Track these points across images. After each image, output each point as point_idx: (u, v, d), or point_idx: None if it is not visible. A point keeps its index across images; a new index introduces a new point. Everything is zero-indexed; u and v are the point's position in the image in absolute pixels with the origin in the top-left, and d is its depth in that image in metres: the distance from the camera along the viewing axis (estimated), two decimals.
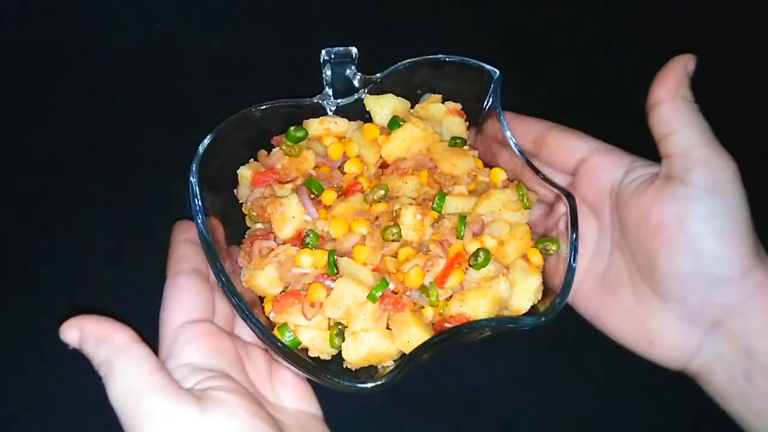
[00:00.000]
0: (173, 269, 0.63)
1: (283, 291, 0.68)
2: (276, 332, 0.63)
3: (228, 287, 0.60)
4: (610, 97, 0.95)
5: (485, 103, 0.77)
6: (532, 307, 0.67)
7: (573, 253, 0.63)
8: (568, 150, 0.71)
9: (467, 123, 0.79)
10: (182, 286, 0.61)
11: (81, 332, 0.50)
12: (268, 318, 0.67)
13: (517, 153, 0.70)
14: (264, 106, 0.74)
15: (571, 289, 0.61)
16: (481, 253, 0.66)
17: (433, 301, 0.65)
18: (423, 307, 0.65)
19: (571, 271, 0.62)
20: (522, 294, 0.67)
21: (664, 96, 0.59)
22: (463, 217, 0.68)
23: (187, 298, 0.60)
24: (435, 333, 0.62)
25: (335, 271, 0.66)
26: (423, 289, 0.65)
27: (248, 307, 0.60)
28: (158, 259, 0.64)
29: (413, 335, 0.61)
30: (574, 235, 0.63)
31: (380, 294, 0.63)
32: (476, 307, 0.64)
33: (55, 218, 0.86)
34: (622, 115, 0.79)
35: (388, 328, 0.63)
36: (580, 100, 0.95)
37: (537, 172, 0.69)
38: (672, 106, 0.59)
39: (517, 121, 0.74)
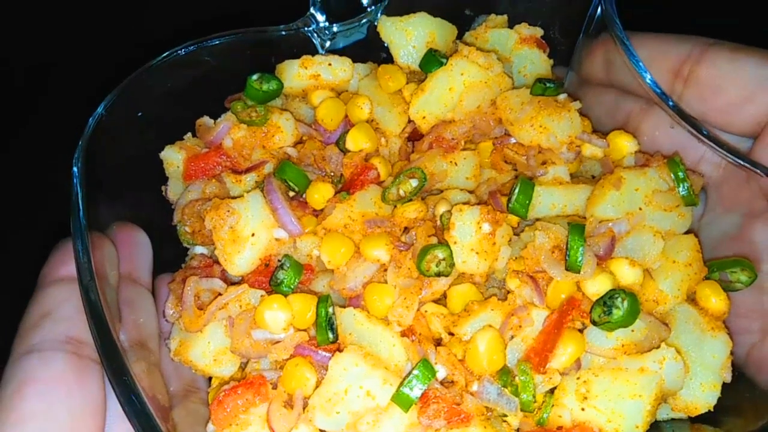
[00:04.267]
0: (27, 340, 0.46)
1: (241, 371, 0.50)
2: None
3: (117, 380, 0.41)
4: None
5: (586, 21, 0.56)
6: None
7: None
8: (743, 87, 0.50)
9: (552, 60, 0.61)
10: (37, 380, 0.43)
11: None
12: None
13: (658, 97, 0.49)
14: (206, 43, 0.55)
15: None
16: (618, 298, 0.44)
17: (526, 402, 0.43)
18: (505, 417, 0.45)
19: None
20: (698, 376, 0.45)
21: None
22: (577, 228, 0.46)
23: (41, 408, 0.42)
24: None
25: (330, 336, 0.46)
26: (503, 376, 0.44)
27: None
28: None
29: None
30: None
31: (420, 392, 0.41)
32: (616, 413, 0.42)
33: None
34: None
35: None
36: None
37: (701, 131, 0.48)
38: None
39: (646, 43, 0.54)
